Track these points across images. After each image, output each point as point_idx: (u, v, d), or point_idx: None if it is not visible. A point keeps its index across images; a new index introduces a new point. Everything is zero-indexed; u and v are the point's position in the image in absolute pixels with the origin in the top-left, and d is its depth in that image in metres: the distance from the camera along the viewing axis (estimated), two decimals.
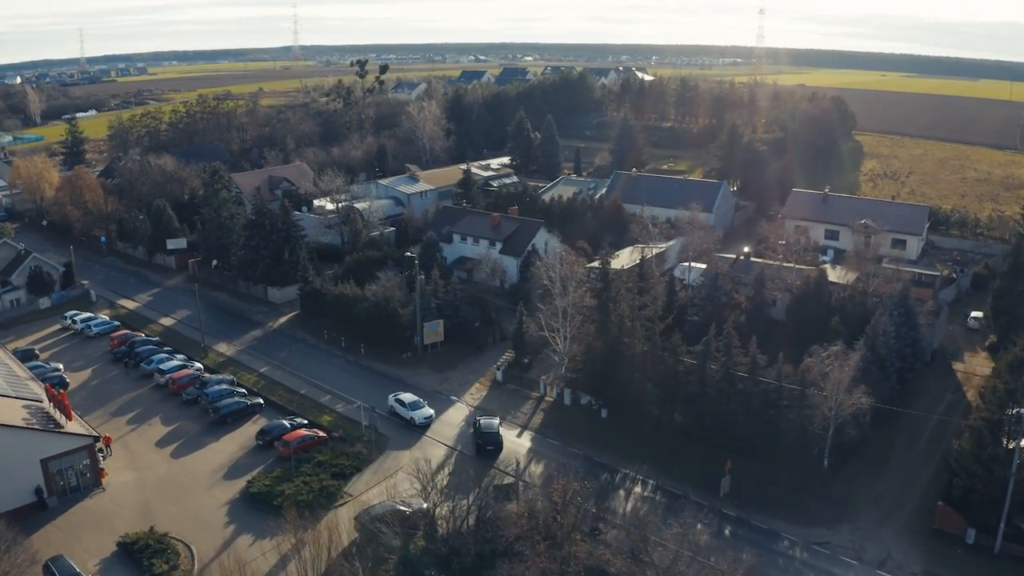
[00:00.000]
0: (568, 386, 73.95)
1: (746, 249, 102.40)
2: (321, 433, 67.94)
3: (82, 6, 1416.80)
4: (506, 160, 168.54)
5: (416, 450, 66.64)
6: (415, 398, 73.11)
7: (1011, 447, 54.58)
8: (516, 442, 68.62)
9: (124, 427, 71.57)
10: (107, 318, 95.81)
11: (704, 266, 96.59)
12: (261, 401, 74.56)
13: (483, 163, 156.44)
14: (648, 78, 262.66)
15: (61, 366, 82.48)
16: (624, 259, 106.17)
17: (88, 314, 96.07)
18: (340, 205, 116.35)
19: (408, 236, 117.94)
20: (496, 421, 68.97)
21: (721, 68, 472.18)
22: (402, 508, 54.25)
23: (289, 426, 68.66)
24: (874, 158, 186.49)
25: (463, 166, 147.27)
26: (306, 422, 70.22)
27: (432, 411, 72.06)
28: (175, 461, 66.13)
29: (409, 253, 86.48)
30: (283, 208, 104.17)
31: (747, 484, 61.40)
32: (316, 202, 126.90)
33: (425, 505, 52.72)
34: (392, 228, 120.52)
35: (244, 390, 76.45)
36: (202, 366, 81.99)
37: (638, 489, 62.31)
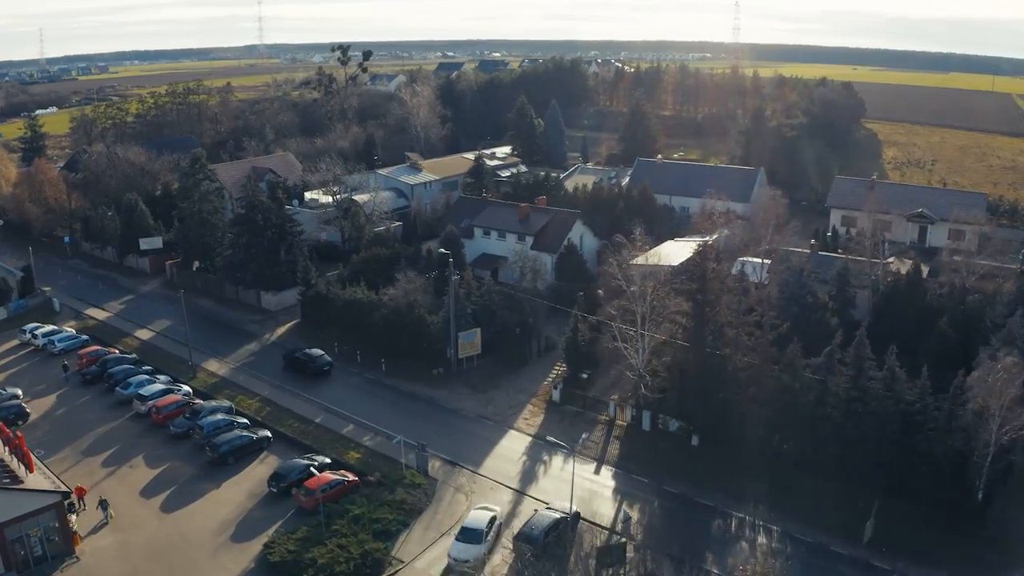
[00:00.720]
0: (648, 408, 60.87)
1: (813, 241, 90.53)
2: (351, 476, 54.15)
3: (42, 7, 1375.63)
4: (507, 149, 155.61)
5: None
6: (476, 523, 48.00)
7: None
8: (595, 481, 55.39)
9: (99, 471, 57.23)
10: (73, 331, 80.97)
11: (766, 261, 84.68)
12: (269, 434, 60.58)
13: (487, 152, 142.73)
14: (630, 69, 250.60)
15: (20, 392, 67.81)
16: (668, 254, 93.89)
17: (51, 327, 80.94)
18: (340, 197, 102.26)
19: (417, 231, 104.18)
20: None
21: (692, 62, 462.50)
22: (558, 515, 47.57)
23: (310, 468, 54.71)
24: (893, 146, 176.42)
25: (470, 154, 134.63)
26: (329, 461, 56.38)
27: (483, 550, 46.80)
28: (167, 517, 51.96)
29: (442, 250, 73.27)
30: (277, 200, 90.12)
31: (889, 526, 48.96)
32: (307, 195, 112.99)
33: (575, 508, 48.46)
34: (398, 223, 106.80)
35: (246, 420, 62.45)
36: (191, 390, 67.79)
37: (762, 539, 49.41)
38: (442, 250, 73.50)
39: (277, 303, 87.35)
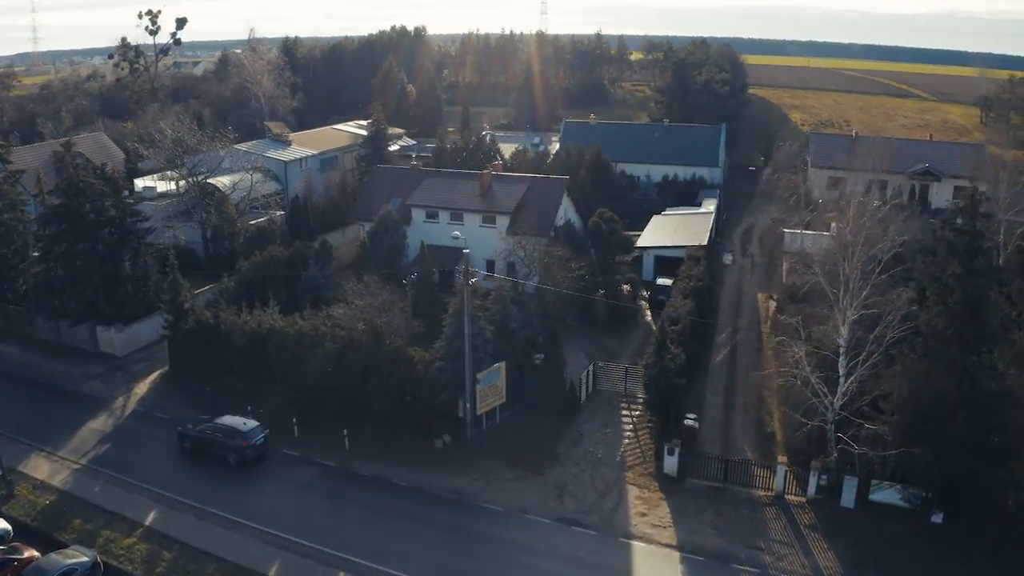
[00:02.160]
0: (854, 472, 36.35)
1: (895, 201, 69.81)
2: None
3: None
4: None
5: None
6: None
7: None
8: None
9: None
10: None
11: (825, 233, 63.36)
12: None
13: (358, 123, 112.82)
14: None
15: None
16: (663, 234, 70.42)
17: None
18: (193, 181, 70.65)
19: (310, 222, 74.42)
20: None
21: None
22: None
23: None
24: (792, 108, 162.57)
25: (344, 125, 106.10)
26: None
27: None
28: None
29: (456, 234, 45.44)
30: (112, 182, 58.19)
31: None
32: (139, 183, 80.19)
33: None
34: (280, 212, 76.55)
35: None
36: (9, 527, 36.09)
37: None
38: (456, 234, 45.72)
39: (125, 343, 55.62)
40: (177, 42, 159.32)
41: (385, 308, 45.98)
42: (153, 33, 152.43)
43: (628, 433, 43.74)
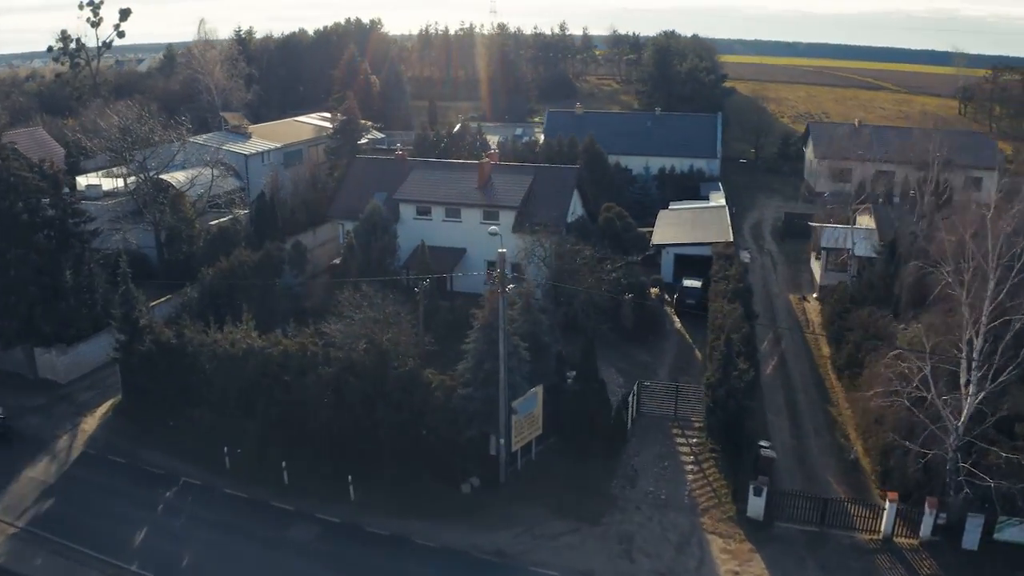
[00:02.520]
0: (978, 508, 29.89)
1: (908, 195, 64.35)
2: None
3: None
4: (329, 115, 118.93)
5: None
6: None
7: None
8: None
9: None
10: None
11: (869, 227, 57.91)
12: None
13: (321, 115, 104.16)
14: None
15: None
16: (681, 230, 63.65)
17: None
18: (144, 177, 61.77)
19: (278, 222, 65.88)
20: None
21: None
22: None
23: None
24: (768, 101, 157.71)
25: (306, 117, 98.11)
26: None
27: None
28: None
29: (494, 229, 37.82)
30: (51, 178, 49.27)
31: None
32: (82, 181, 71.17)
33: None
34: (244, 211, 68.03)
35: None
36: None
37: None
38: (493, 229, 38.18)
39: (69, 367, 46.94)
40: (121, 34, 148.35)
41: (390, 322, 38.20)
42: (95, 25, 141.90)
43: (690, 467, 36.58)
